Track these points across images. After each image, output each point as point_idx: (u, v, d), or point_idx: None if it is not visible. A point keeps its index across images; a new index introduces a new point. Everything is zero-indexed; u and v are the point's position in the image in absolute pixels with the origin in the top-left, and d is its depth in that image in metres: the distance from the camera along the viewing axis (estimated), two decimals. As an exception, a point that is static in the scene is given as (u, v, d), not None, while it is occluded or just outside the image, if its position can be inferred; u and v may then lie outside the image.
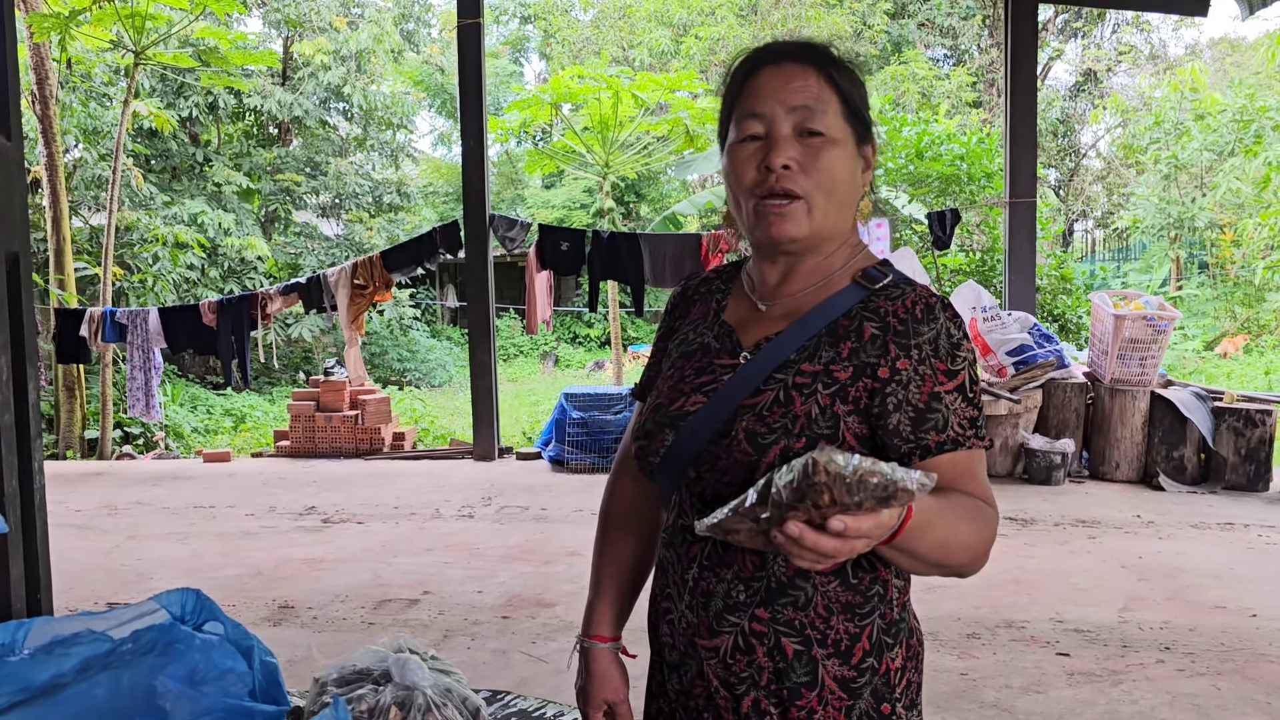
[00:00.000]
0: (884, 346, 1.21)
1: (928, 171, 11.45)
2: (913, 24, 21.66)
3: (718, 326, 1.36)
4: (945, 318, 1.22)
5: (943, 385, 1.20)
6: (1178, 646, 3.88)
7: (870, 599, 1.23)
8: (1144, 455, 6.86)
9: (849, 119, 1.26)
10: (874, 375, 1.21)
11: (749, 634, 1.22)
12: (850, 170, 1.26)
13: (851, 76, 1.28)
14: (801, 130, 1.23)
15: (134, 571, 5.24)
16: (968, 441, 1.20)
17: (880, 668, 1.23)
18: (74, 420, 10.38)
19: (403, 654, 1.53)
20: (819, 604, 1.21)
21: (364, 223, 16.95)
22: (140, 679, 1.08)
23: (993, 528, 1.18)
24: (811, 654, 1.21)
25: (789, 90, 1.24)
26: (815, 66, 1.25)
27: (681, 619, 1.28)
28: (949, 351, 1.21)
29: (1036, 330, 7.32)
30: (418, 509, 6.58)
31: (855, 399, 1.21)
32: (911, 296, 1.23)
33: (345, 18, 16.68)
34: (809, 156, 1.23)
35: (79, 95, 12.89)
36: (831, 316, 1.26)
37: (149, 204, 13.93)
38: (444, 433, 11.22)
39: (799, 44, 1.29)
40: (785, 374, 1.24)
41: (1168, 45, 22.60)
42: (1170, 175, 16.55)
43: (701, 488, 1.25)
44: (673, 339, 1.43)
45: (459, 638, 4.17)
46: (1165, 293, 17.18)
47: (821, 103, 1.24)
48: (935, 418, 1.19)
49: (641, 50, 18.22)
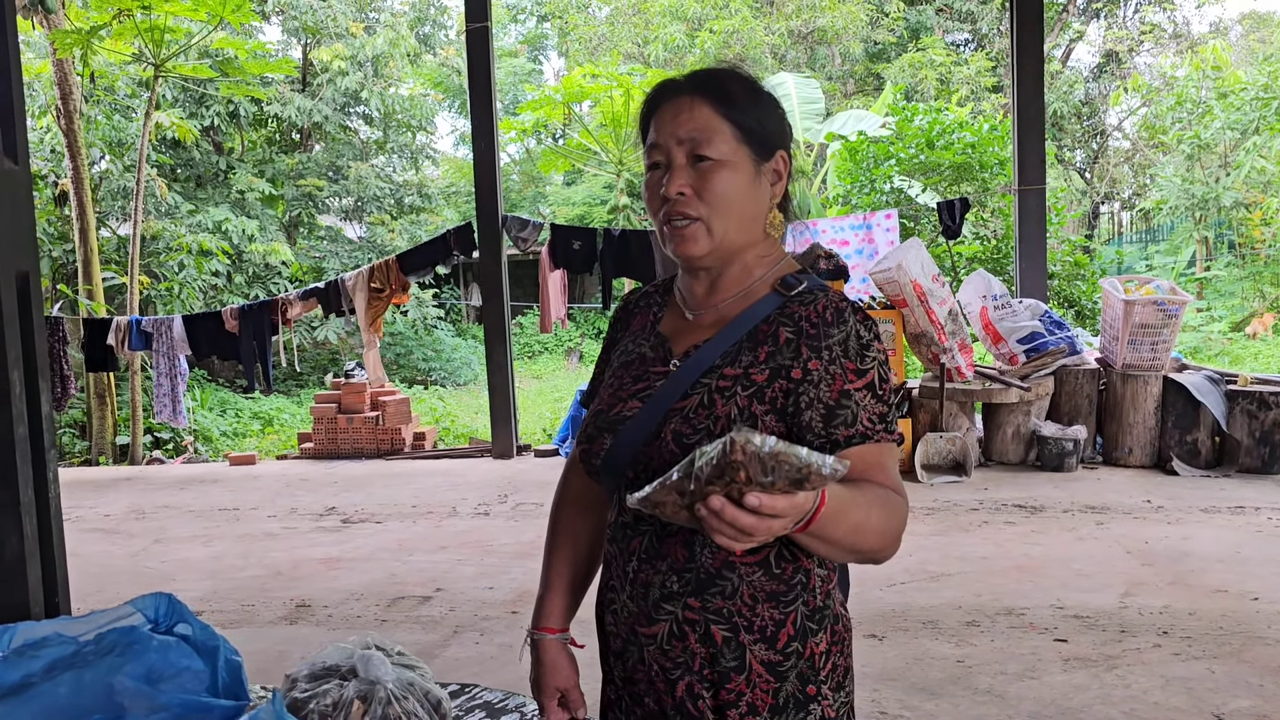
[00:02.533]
0: (797, 349, 1.30)
1: (939, 160, 11.41)
2: (930, 10, 21.51)
3: (653, 337, 1.46)
4: (855, 321, 1.31)
5: (852, 383, 1.28)
6: (1176, 630, 3.91)
7: (794, 587, 1.31)
8: (1157, 440, 6.85)
9: (743, 141, 1.35)
10: (788, 376, 1.30)
11: (682, 621, 1.31)
12: (746, 189, 1.35)
13: (746, 101, 1.36)
14: (693, 158, 1.33)
15: (158, 574, 5.40)
16: (876, 435, 1.28)
17: (805, 652, 1.31)
18: (105, 427, 10.62)
19: (369, 650, 1.61)
20: (745, 593, 1.29)
21: (386, 225, 17.13)
22: (99, 678, 1.17)
23: (902, 516, 1.27)
24: (739, 640, 1.29)
25: (678, 123, 1.34)
26: (704, 97, 1.35)
27: (624, 609, 1.37)
28: (858, 352, 1.29)
29: (1048, 317, 7.32)
30: (435, 508, 6.70)
31: (772, 399, 1.30)
32: (823, 301, 1.33)
33: (361, 23, 16.84)
34: (701, 182, 1.33)
35: (103, 109, 13.14)
36: (752, 323, 1.35)
37: (174, 213, 14.18)
38: (466, 431, 11.36)
39: (690, 79, 1.38)
40: (710, 379, 1.33)
41: (1191, 23, 22.29)
42: (1194, 155, 16.35)
43: (638, 487, 1.33)
44: (615, 350, 1.54)
45: (468, 633, 4.28)
46: (1191, 274, 16.99)
47: (709, 131, 1.33)
48: (845, 413, 1.28)
49: (656, 46, 18.25)
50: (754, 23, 17.94)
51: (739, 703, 1.30)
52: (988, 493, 6.29)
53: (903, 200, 11.27)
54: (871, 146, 12.14)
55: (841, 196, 12.59)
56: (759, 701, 1.30)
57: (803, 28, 18.75)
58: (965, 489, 6.41)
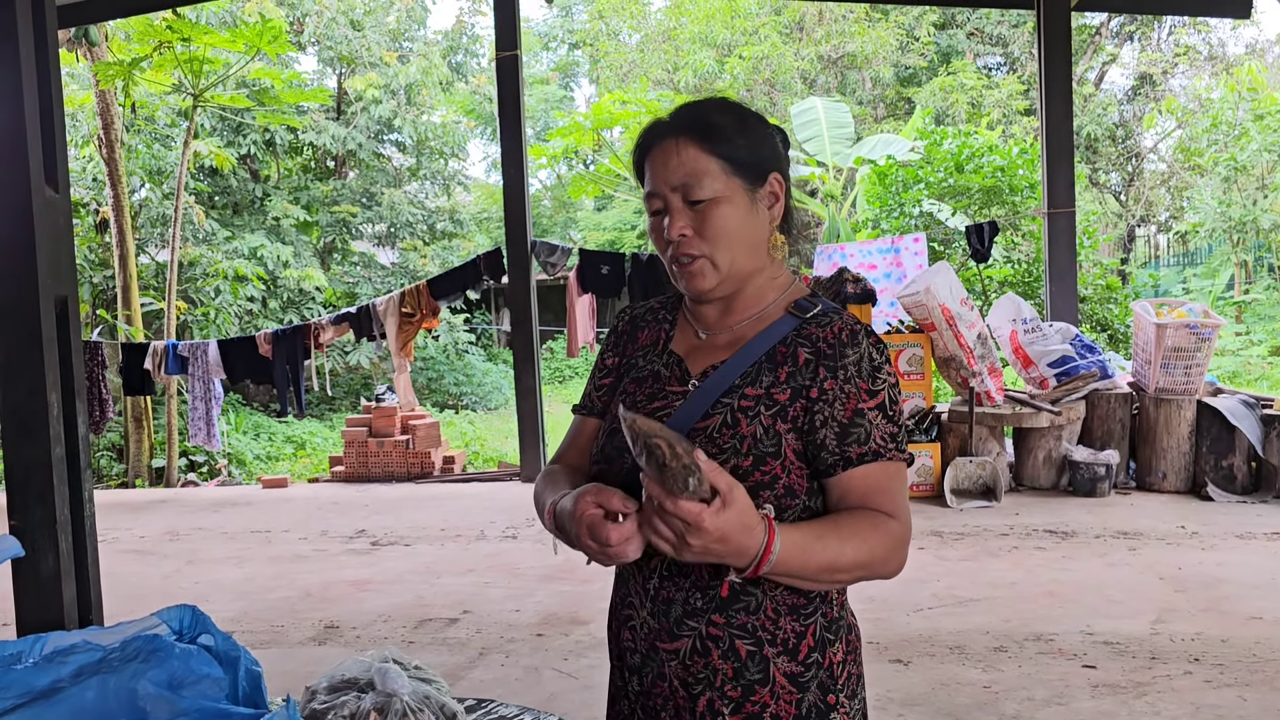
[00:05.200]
0: (815, 370, 1.35)
1: (968, 184, 11.39)
2: (961, 34, 21.52)
3: (666, 355, 1.49)
4: (868, 344, 1.36)
5: (865, 403, 1.33)
6: (1207, 658, 3.85)
7: (812, 599, 1.35)
8: (1192, 465, 6.76)
9: (734, 174, 1.38)
10: (807, 396, 1.34)
11: (706, 637, 1.34)
12: (744, 218, 1.39)
13: (733, 131, 1.39)
14: (688, 200, 1.37)
15: (190, 595, 5.47)
16: (888, 453, 1.32)
17: (824, 662, 1.36)
18: (142, 450, 10.79)
19: (386, 664, 1.65)
20: (768, 607, 1.33)
21: (418, 250, 17.34)
22: (124, 683, 1.21)
23: (891, 541, 1.30)
24: (763, 653, 1.33)
25: (669, 169, 1.38)
26: (689, 137, 1.38)
27: (644, 625, 1.40)
28: (870, 373, 1.34)
29: (1078, 341, 7.26)
30: (463, 530, 6.74)
31: (793, 418, 1.34)
32: (839, 324, 1.37)
33: (395, 52, 17.14)
34: (699, 221, 1.37)
35: (143, 138, 13.45)
36: (769, 344, 1.39)
37: (211, 239, 14.44)
38: (495, 455, 11.42)
39: (674, 118, 1.41)
40: (731, 398, 1.36)
41: (1226, 45, 22.07)
42: (1230, 178, 16.19)
43: None
44: (624, 365, 1.55)
45: (494, 655, 4.29)
46: (1230, 297, 16.77)
47: (698, 173, 1.36)
48: (858, 431, 1.32)
49: (686, 72, 18.39)
50: (783, 48, 18.04)
51: (763, 714, 1.33)
52: (1018, 518, 6.23)
53: (932, 224, 11.25)
54: (900, 170, 12.14)
55: (871, 220, 12.59)
56: (782, 712, 1.34)
57: (832, 52, 18.82)
58: (995, 514, 6.35)
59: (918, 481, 6.84)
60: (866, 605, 4.55)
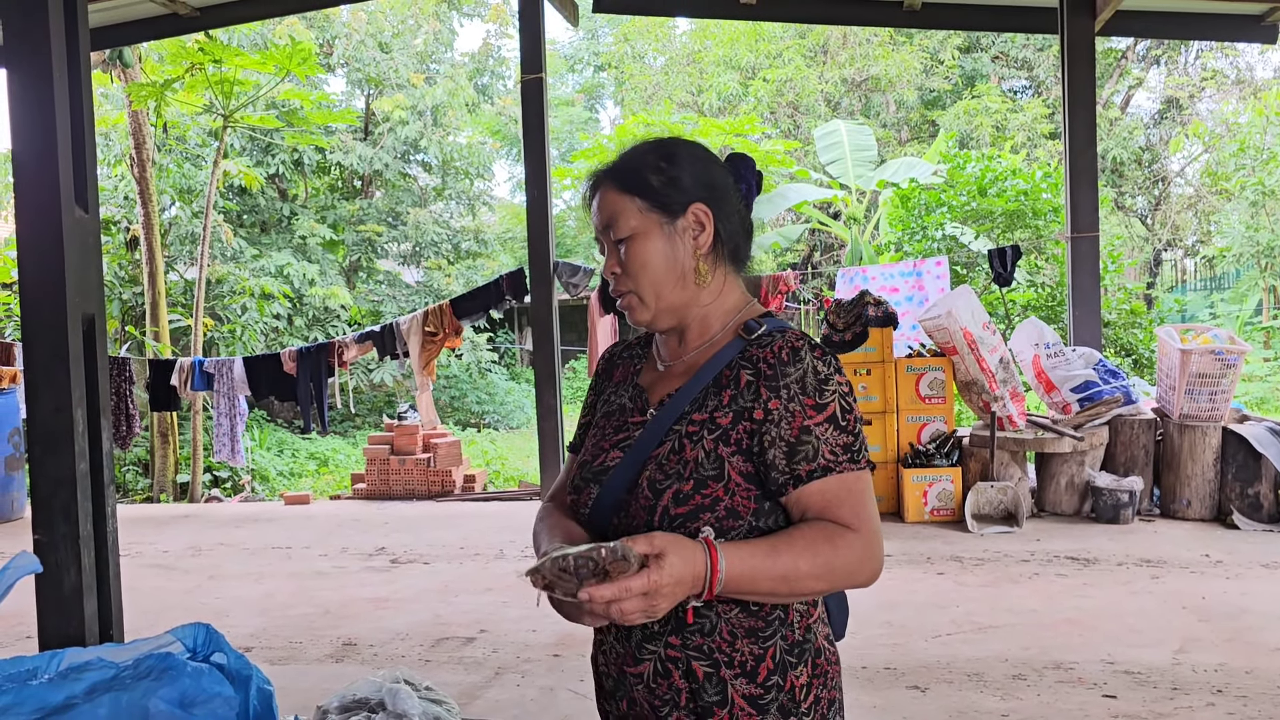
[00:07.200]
0: (757, 391, 1.37)
1: (991, 207, 11.36)
2: (986, 57, 21.52)
3: (632, 389, 1.54)
4: (812, 357, 1.37)
5: (812, 419, 1.34)
6: (1231, 689, 3.79)
7: (771, 623, 1.37)
8: (1217, 492, 6.68)
9: (650, 209, 1.43)
10: (751, 418, 1.36)
11: (665, 660, 1.37)
12: (663, 252, 1.43)
13: (651, 169, 1.45)
14: (614, 241, 1.45)
15: (211, 610, 5.52)
16: (839, 467, 1.34)
17: (785, 684, 1.37)
18: (167, 465, 10.91)
19: (397, 684, 1.66)
20: (723, 629, 1.36)
21: (443, 270, 17.47)
22: (136, 701, 1.23)
23: (852, 552, 1.31)
24: (720, 675, 1.35)
25: (596, 215, 1.48)
26: (609, 182, 1.47)
27: (612, 649, 1.45)
28: (816, 387, 1.35)
29: (1102, 366, 7.21)
30: (482, 549, 6.76)
31: (737, 441, 1.36)
32: (779, 342, 1.39)
33: (422, 74, 17.33)
34: (624, 261, 1.44)
35: (174, 157, 13.66)
36: (717, 369, 1.42)
37: (239, 257, 14.62)
38: (516, 474, 11.45)
39: (601, 168, 1.50)
40: (680, 425, 1.40)
41: (1254, 69, 21.93)
42: (1259, 202, 16.06)
43: (621, 534, 1.39)
44: (597, 401, 1.62)
45: (510, 675, 4.30)
46: (1258, 322, 16.59)
47: (615, 213, 1.44)
48: (806, 449, 1.33)
49: (710, 95, 18.48)
50: (807, 71, 18.10)
51: None
52: (1039, 544, 6.18)
53: (955, 247, 11.22)
54: (923, 194, 12.12)
55: (894, 243, 12.57)
56: None
57: (856, 75, 18.86)
58: (1016, 540, 6.30)
59: (938, 506, 6.80)
60: (883, 630, 4.53)
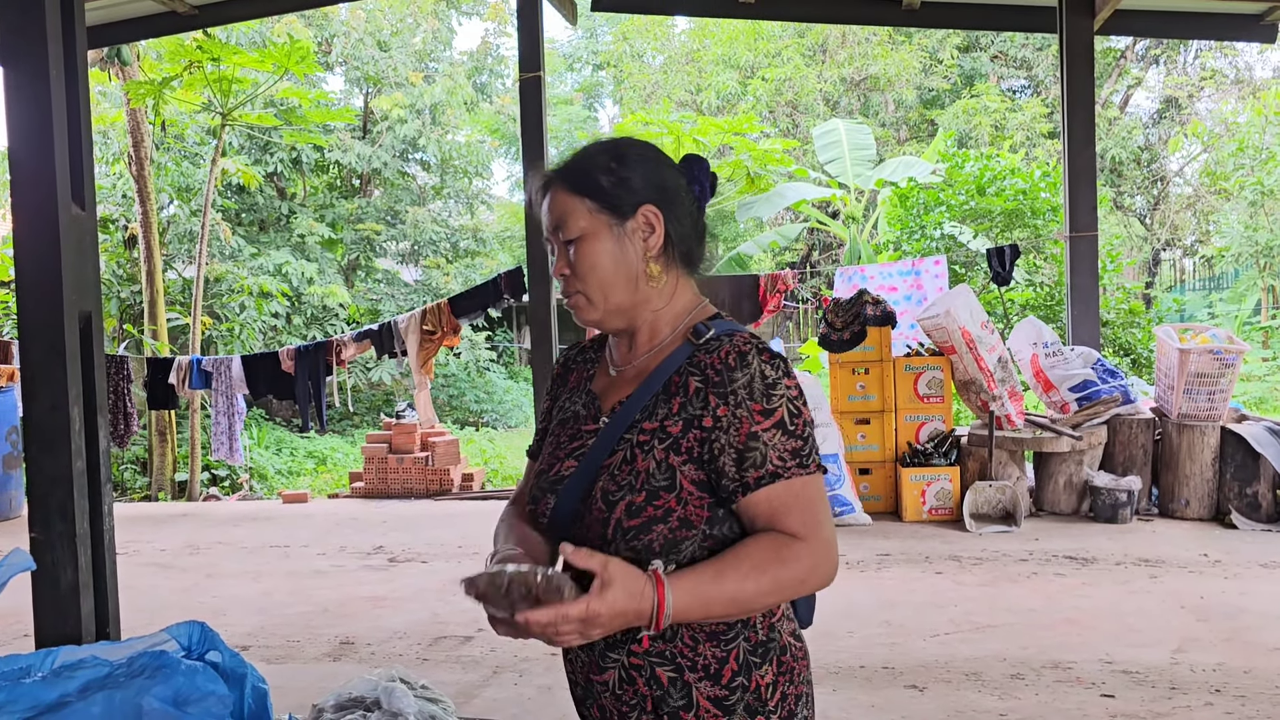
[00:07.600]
0: (705, 398, 1.35)
1: (990, 207, 11.36)
2: (985, 57, 21.52)
3: (585, 395, 1.51)
4: (760, 362, 1.34)
5: (759, 424, 1.32)
6: (1229, 689, 3.79)
7: (733, 626, 1.36)
8: (1215, 492, 6.67)
9: (599, 210, 1.41)
10: (701, 425, 1.34)
11: (629, 667, 1.37)
12: (612, 253, 1.41)
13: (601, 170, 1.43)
14: (564, 241, 1.43)
15: (208, 609, 5.51)
16: (787, 473, 1.31)
17: (750, 685, 1.36)
18: (165, 464, 10.89)
19: (393, 683, 1.66)
20: (685, 634, 1.35)
21: (441, 268, 17.46)
22: (130, 699, 1.22)
23: (800, 563, 1.31)
24: (684, 679, 1.35)
25: (546, 215, 1.45)
26: (559, 182, 1.45)
27: (578, 659, 1.44)
28: (764, 392, 1.33)
29: (1100, 365, 7.21)
30: (480, 548, 6.75)
31: (688, 449, 1.34)
32: (727, 347, 1.36)
33: (421, 73, 17.32)
34: (573, 260, 1.42)
35: (172, 155, 13.64)
36: (666, 375, 1.40)
37: (237, 255, 14.61)
38: (514, 473, 11.45)
39: (551, 169, 1.48)
40: (631, 434, 1.38)
41: (1253, 69, 21.94)
42: (1258, 202, 16.06)
43: (579, 544, 1.36)
44: (553, 406, 1.59)
45: (508, 674, 4.29)
46: (1257, 322, 16.60)
47: (565, 213, 1.42)
48: (754, 455, 1.31)
49: (709, 93, 18.48)
50: (806, 70, 18.10)
51: None
52: (1038, 543, 6.17)
53: (953, 246, 11.22)
54: (922, 193, 12.12)
55: (892, 242, 12.57)
56: None
57: (855, 75, 18.85)
58: (1015, 539, 6.30)
59: (936, 505, 6.79)
60: (881, 629, 4.53)
